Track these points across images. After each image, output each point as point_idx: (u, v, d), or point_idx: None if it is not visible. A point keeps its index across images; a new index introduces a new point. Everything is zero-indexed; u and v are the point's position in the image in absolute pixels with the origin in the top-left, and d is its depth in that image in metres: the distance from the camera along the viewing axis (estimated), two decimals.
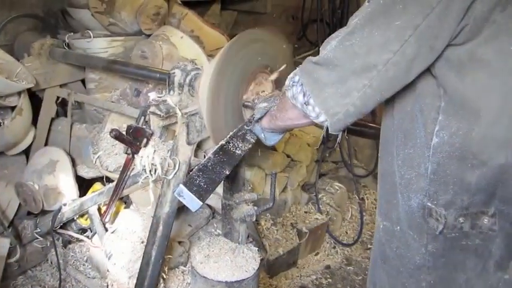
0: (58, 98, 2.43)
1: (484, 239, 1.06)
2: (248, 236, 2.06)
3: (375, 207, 3.36)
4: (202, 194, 1.33)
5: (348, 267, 2.85)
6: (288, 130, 1.54)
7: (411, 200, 1.11)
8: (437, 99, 1.02)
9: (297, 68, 1.13)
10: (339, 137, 1.24)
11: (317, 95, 1.04)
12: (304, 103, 1.08)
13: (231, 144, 1.43)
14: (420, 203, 1.09)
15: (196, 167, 1.40)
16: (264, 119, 1.40)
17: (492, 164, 1.00)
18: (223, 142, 1.43)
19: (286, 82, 1.16)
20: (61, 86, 2.45)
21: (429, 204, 1.08)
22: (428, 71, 1.01)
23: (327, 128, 1.08)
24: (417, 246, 1.13)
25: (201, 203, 1.34)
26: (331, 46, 1.02)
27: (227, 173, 1.41)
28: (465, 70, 0.97)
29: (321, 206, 3.01)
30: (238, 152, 1.44)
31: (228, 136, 1.45)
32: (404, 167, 1.12)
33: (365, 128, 1.69)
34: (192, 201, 1.32)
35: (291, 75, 1.14)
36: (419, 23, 0.92)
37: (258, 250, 1.76)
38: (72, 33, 2.44)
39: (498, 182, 1.01)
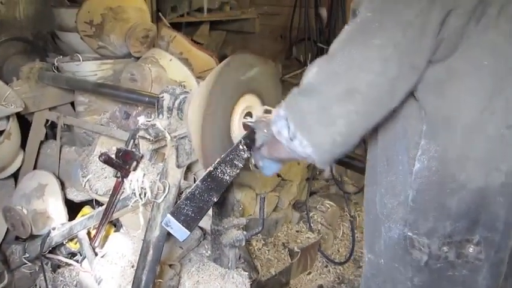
0: (47, 121, 2.44)
1: (471, 269, 1.03)
2: (240, 257, 2.06)
3: None
4: (189, 223, 1.33)
5: (341, 286, 2.85)
6: (287, 162, 1.48)
7: (392, 231, 1.08)
8: (419, 122, 1.00)
9: (282, 102, 1.08)
10: (327, 172, 1.24)
11: (301, 125, 0.98)
12: (290, 138, 1.01)
13: (219, 170, 1.43)
14: (401, 233, 1.06)
15: (183, 196, 1.40)
16: (263, 148, 1.36)
17: (471, 187, 0.98)
18: (211, 168, 1.43)
19: (272, 117, 1.10)
20: (50, 109, 2.46)
21: (410, 234, 1.04)
22: (411, 93, 0.99)
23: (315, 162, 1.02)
24: (403, 279, 1.09)
25: (189, 233, 1.34)
26: (312, 73, 0.98)
27: (215, 200, 1.41)
28: (443, 87, 0.95)
29: (312, 225, 3.01)
30: (226, 177, 1.44)
31: (216, 162, 1.45)
32: (387, 196, 1.09)
33: (352, 160, 1.66)
34: (179, 231, 1.33)
35: (276, 109, 1.08)
36: (399, 40, 0.89)
37: (248, 275, 1.76)
38: (61, 57, 2.46)
39: (479, 208, 0.99)
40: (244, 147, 1.50)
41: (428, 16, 0.88)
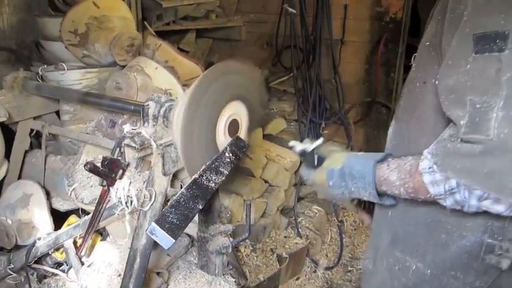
0: (32, 130, 2.42)
1: None
2: (228, 264, 2.06)
3: (354, 229, 3.41)
4: (174, 230, 1.34)
5: None
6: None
7: (464, 239, 1.02)
8: None
9: (440, 169, 0.92)
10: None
11: (501, 190, 0.85)
12: (480, 207, 0.91)
13: (204, 178, 1.44)
14: (478, 240, 1.00)
15: (169, 203, 1.40)
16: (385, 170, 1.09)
17: None
18: (196, 176, 1.43)
19: (432, 190, 0.95)
20: (35, 118, 2.44)
21: (490, 241, 0.99)
22: None
23: None
24: (457, 284, 1.05)
25: (174, 241, 1.34)
26: (495, 121, 0.83)
27: (200, 207, 1.42)
28: None
29: (300, 230, 3.03)
30: (211, 184, 1.45)
31: (202, 169, 1.46)
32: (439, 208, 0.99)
33: None
34: (164, 239, 1.33)
35: (440, 181, 0.93)
36: None
37: (235, 281, 1.76)
38: (45, 66, 2.45)
39: None
40: (230, 154, 1.51)
41: None
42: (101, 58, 2.40)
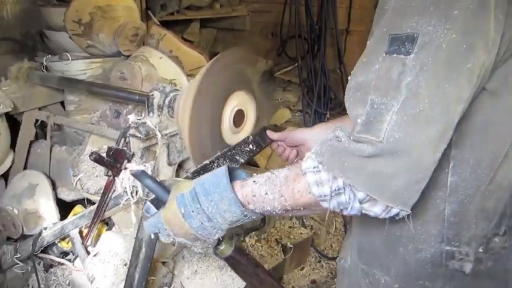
0: (37, 120, 2.43)
1: (496, 259, 0.99)
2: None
3: None
4: None
5: (334, 281, 2.87)
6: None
7: (421, 252, 1.00)
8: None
9: (326, 168, 0.89)
10: None
11: (382, 193, 0.85)
12: (361, 210, 0.89)
13: (216, 164, 1.43)
14: (436, 250, 0.99)
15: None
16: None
17: (505, 185, 0.94)
18: (207, 162, 1.41)
19: (316, 191, 0.91)
20: (40, 108, 2.44)
21: (448, 248, 0.98)
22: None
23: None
24: None
25: None
26: (388, 124, 0.82)
27: None
28: (497, 93, 0.89)
29: (305, 220, 3.03)
30: None
31: (215, 156, 1.43)
32: (395, 221, 0.96)
33: None
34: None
35: (325, 180, 0.90)
36: (484, 60, 0.81)
37: None
38: (50, 56, 2.45)
39: (509, 202, 0.96)
40: (253, 144, 1.49)
41: (503, 28, 0.83)
42: (105, 48, 2.39)
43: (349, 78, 0.95)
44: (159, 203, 1.12)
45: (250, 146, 1.47)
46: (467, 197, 0.95)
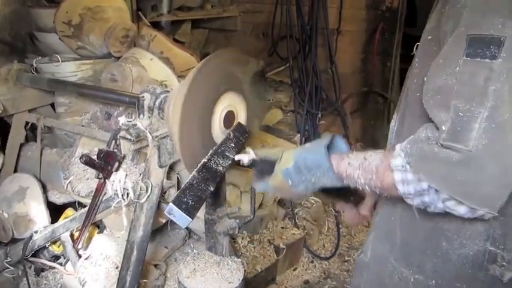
0: (27, 123, 2.40)
1: None
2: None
3: None
4: (191, 210, 1.38)
5: (327, 281, 2.87)
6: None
7: (466, 247, 0.99)
8: None
9: (413, 170, 0.91)
10: None
11: (471, 199, 0.86)
12: (445, 209, 0.91)
13: (213, 161, 1.47)
14: (480, 249, 0.98)
15: (182, 186, 1.43)
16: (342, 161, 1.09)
17: None
18: (205, 160, 1.47)
19: (401, 188, 0.94)
20: (30, 110, 2.42)
21: (493, 249, 0.97)
22: None
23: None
24: None
25: (191, 220, 1.38)
26: (477, 132, 0.82)
27: (212, 189, 1.45)
28: None
29: (297, 221, 3.03)
30: (219, 168, 1.48)
31: (209, 153, 1.49)
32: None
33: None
34: (182, 219, 1.38)
35: (411, 181, 0.92)
36: None
37: (241, 261, 1.79)
38: (40, 58, 2.42)
39: None
40: (234, 139, 1.54)
41: None
42: (96, 49, 2.38)
43: (425, 79, 0.95)
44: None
45: (233, 144, 1.52)
46: None
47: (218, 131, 1.55)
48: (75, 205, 2.22)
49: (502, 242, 0.97)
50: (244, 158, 1.35)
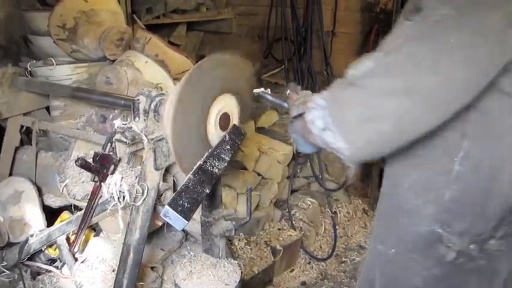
0: (22, 126, 2.40)
1: (489, 259, 1.03)
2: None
3: (348, 220, 3.43)
4: (186, 213, 1.39)
5: (324, 282, 2.88)
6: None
7: (416, 226, 1.07)
8: (464, 123, 0.94)
9: (323, 91, 1.02)
10: (351, 170, 1.26)
11: (338, 118, 0.93)
12: (323, 129, 0.96)
13: (208, 164, 1.48)
14: (429, 229, 1.04)
15: (178, 189, 1.43)
16: (296, 122, 1.24)
17: (510, 193, 0.97)
18: (201, 162, 1.48)
19: (309, 103, 1.04)
20: (25, 114, 2.42)
21: (440, 231, 1.03)
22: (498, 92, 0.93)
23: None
24: (419, 268, 1.09)
25: (187, 222, 1.39)
26: (364, 66, 0.92)
27: (207, 191, 1.46)
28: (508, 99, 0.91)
29: (294, 222, 3.04)
30: (215, 170, 1.49)
31: (205, 156, 1.50)
32: (411, 192, 1.06)
33: None
34: (178, 221, 1.39)
35: (315, 97, 1.02)
36: (478, 44, 0.82)
37: (237, 263, 1.79)
38: (34, 61, 2.42)
39: (510, 209, 0.99)
40: (230, 141, 1.54)
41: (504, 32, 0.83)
42: (91, 53, 2.38)
43: None
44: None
45: (229, 146, 1.53)
46: (468, 190, 0.98)
47: (213, 133, 1.56)
48: (71, 208, 2.22)
49: (449, 226, 1.03)
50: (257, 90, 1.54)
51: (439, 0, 0.87)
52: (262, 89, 1.65)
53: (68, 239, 2.09)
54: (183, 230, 2.44)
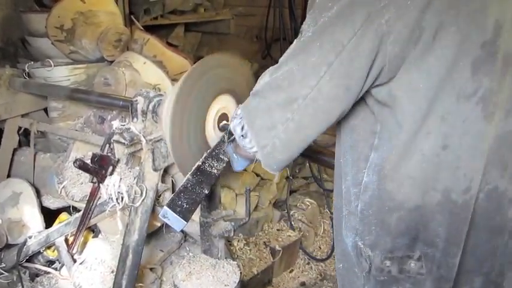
0: (20, 128, 2.40)
1: (414, 283, 1.04)
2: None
3: None
4: (185, 214, 1.39)
5: (323, 282, 2.88)
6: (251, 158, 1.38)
7: (348, 238, 1.11)
8: (371, 136, 1.02)
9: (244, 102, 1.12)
10: (276, 177, 1.28)
11: (251, 126, 1.05)
12: (242, 135, 1.08)
13: (207, 164, 1.48)
14: (353, 241, 1.09)
15: (177, 189, 1.43)
16: (233, 144, 1.35)
17: (409, 206, 0.99)
18: (199, 163, 1.48)
19: (232, 114, 1.17)
20: (23, 115, 2.42)
21: (359, 244, 1.07)
22: (366, 106, 1.02)
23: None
24: (359, 285, 1.12)
25: (185, 223, 1.40)
26: (262, 79, 1.04)
27: (206, 192, 1.46)
28: (387, 108, 0.98)
29: (293, 223, 3.04)
30: (214, 171, 1.49)
31: (204, 156, 1.49)
32: (341, 203, 1.13)
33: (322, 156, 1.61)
34: (176, 222, 1.39)
35: (237, 108, 1.14)
36: (332, 60, 0.93)
37: (237, 263, 1.80)
38: (32, 62, 2.42)
39: (418, 225, 1.00)
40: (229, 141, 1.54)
41: (361, 40, 0.90)
42: (89, 54, 2.38)
43: None
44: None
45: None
46: (370, 200, 1.03)
47: (212, 134, 1.56)
48: (69, 210, 2.22)
49: (362, 237, 1.07)
50: None
51: (307, 23, 0.98)
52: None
53: (66, 240, 2.09)
54: (182, 231, 2.45)
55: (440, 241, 1.00)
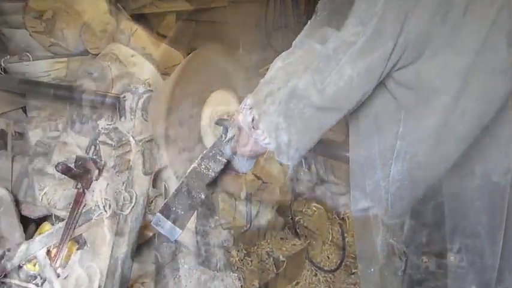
0: None
1: (454, 277, 1.05)
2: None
3: None
4: (180, 221, 1.39)
5: None
6: (257, 155, 1.41)
7: (378, 236, 1.12)
8: (396, 123, 1.03)
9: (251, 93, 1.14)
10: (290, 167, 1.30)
11: (263, 116, 1.06)
12: (253, 127, 1.09)
13: (203, 166, 1.48)
14: (384, 239, 1.11)
15: (171, 194, 1.43)
16: (233, 142, 1.38)
17: (446, 193, 1.00)
18: (195, 164, 1.48)
19: (240, 105, 1.17)
20: None
21: (391, 241, 1.09)
22: (387, 92, 1.03)
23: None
24: (397, 283, 1.13)
25: (181, 231, 1.39)
26: (276, 64, 1.08)
27: (203, 197, 1.46)
28: (414, 89, 0.99)
29: (298, 230, 3.04)
30: (211, 173, 1.48)
31: (199, 157, 1.49)
32: (364, 199, 1.13)
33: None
34: (170, 230, 1.39)
35: (244, 99, 1.15)
36: (353, 41, 0.94)
37: (237, 276, 1.79)
38: (8, 57, 2.42)
39: (457, 214, 1.01)
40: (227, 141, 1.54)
41: (383, 18, 0.91)
42: (70, 46, 2.38)
43: None
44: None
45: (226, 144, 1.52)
46: (401, 191, 1.05)
47: (209, 133, 1.56)
48: (51, 219, 2.22)
49: (395, 233, 1.11)
50: None
51: (323, 3, 1.05)
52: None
53: (49, 253, 2.09)
54: (176, 241, 2.45)
55: (482, 229, 1.01)
